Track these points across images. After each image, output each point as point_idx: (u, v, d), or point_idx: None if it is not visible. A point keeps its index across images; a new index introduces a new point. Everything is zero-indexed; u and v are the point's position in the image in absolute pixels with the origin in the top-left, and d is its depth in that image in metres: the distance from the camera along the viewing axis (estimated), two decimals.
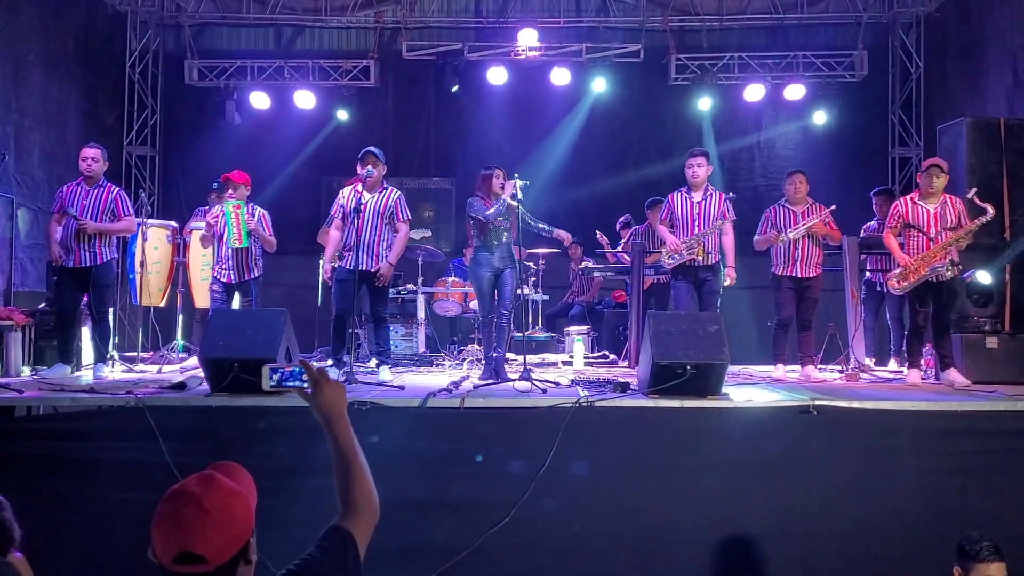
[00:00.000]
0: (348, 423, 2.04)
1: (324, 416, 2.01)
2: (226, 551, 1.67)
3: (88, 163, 6.21)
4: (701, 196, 6.37)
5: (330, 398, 2.01)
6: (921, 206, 6.04)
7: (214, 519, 1.66)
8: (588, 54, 10.50)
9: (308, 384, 2.02)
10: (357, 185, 6.04)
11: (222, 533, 1.66)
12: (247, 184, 6.71)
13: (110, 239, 6.30)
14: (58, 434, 4.59)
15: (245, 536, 1.72)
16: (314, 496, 4.10)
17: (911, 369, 6.09)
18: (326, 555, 1.85)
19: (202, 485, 1.70)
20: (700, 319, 5.17)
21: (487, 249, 6.05)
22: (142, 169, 10.72)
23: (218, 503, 1.68)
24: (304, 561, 1.84)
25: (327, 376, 2.03)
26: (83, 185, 6.22)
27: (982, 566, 3.36)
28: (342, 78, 10.71)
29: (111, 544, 4.38)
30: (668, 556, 4.51)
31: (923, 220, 6.00)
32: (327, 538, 1.90)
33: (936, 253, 5.88)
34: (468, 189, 10.74)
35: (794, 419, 4.70)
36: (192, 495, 1.67)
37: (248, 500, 1.76)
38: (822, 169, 10.67)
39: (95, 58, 10.12)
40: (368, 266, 5.94)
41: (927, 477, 4.60)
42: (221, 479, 1.73)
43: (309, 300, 8.63)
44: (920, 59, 10.48)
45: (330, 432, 2.02)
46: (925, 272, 5.87)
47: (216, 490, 1.70)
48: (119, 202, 6.30)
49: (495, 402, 4.90)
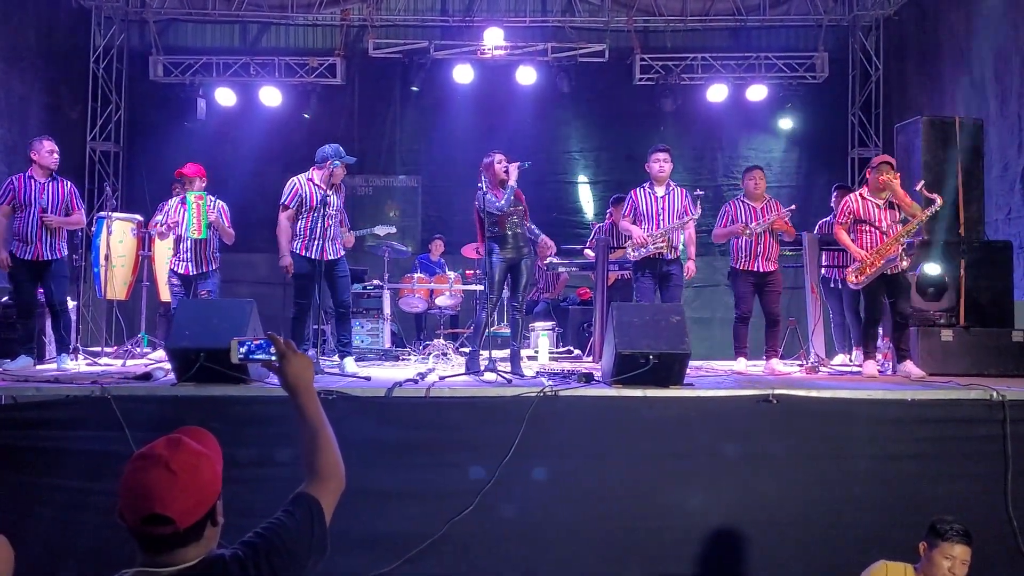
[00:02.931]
0: (315, 394, 2.07)
1: (291, 387, 2.03)
2: (193, 513, 1.69)
3: (56, 156, 6.17)
4: (664, 191, 6.45)
5: (297, 369, 2.03)
6: (871, 201, 6.19)
7: (181, 481, 1.67)
8: (553, 53, 10.61)
9: (275, 356, 2.04)
10: (314, 177, 5.99)
11: (189, 495, 1.68)
12: (202, 177, 6.69)
13: (64, 233, 6.28)
14: (22, 423, 4.55)
15: (212, 498, 1.74)
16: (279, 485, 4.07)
17: (867, 361, 6.21)
18: (292, 520, 1.88)
19: (169, 448, 1.71)
20: (662, 310, 5.25)
21: (502, 240, 5.84)
22: (106, 165, 10.64)
23: (185, 465, 1.69)
24: (271, 525, 1.86)
25: (294, 348, 2.05)
26: (37, 179, 6.14)
27: (947, 545, 3.47)
28: (308, 75, 10.73)
29: (77, 533, 4.37)
30: (630, 544, 4.57)
31: (873, 215, 6.15)
32: (294, 504, 1.92)
33: (890, 246, 6.02)
34: (434, 187, 10.94)
35: (754, 408, 4.78)
36: (159, 457, 1.68)
37: (215, 462, 1.77)
38: (783, 169, 10.92)
39: (58, 52, 10.03)
40: (331, 255, 5.96)
41: (882, 464, 4.70)
42: (188, 442, 1.74)
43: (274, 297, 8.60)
44: (879, 61, 10.73)
45: (297, 403, 2.03)
46: (880, 264, 6.02)
47: (183, 452, 1.71)
48: (74, 196, 6.29)
49: (460, 391, 4.93)
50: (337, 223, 6.08)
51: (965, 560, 3.49)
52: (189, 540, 1.70)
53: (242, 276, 9.34)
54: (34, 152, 6.15)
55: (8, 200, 6.10)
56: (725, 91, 10.64)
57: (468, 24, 10.84)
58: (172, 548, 1.69)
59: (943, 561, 3.48)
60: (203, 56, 10.76)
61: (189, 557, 1.70)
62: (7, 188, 6.16)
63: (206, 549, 1.74)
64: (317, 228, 5.88)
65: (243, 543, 1.81)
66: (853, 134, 10.96)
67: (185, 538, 1.69)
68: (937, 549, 3.50)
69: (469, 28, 10.80)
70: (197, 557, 1.71)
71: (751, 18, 10.88)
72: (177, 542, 1.69)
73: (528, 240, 6.01)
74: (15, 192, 6.09)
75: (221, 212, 6.65)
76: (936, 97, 9.53)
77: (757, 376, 6.20)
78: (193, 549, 1.71)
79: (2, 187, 6.23)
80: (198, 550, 1.72)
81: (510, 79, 10.61)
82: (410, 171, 11.05)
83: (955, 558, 3.46)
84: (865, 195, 6.25)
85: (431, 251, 9.49)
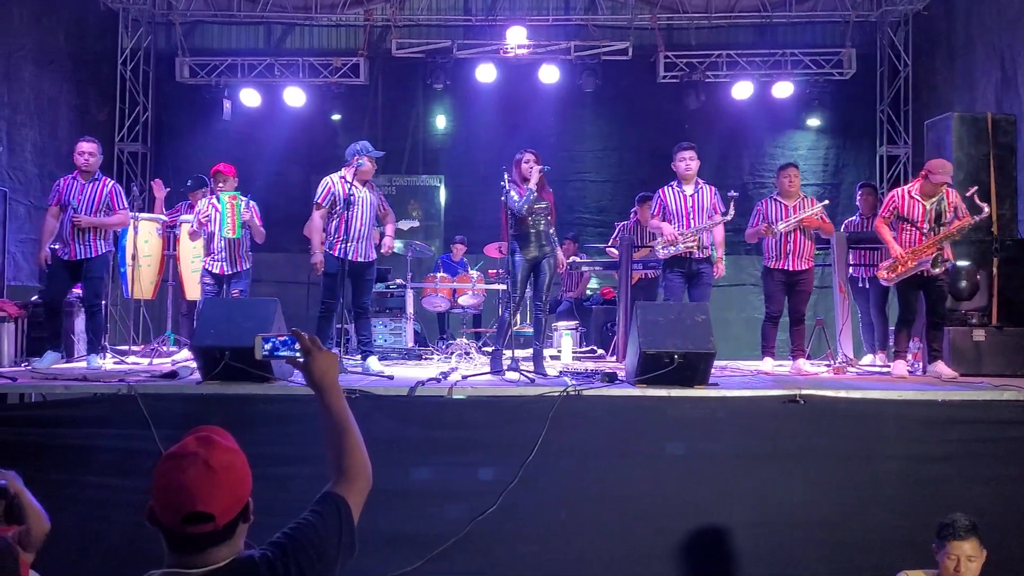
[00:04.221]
0: (341, 392, 2.04)
1: (317, 385, 2.01)
2: (231, 510, 1.68)
3: (85, 157, 6.23)
4: (693, 189, 6.37)
5: (322, 366, 2.01)
6: (917, 200, 6.01)
7: (219, 477, 1.66)
8: (576, 52, 10.57)
9: (300, 353, 2.02)
10: (347, 175, 5.95)
11: (227, 491, 1.67)
12: (234, 176, 6.76)
13: (105, 232, 6.32)
14: (51, 421, 4.60)
15: (246, 495, 1.74)
16: (303, 483, 4.11)
17: (897, 360, 6.11)
18: (321, 520, 1.85)
19: (203, 445, 1.69)
20: (687, 309, 5.20)
21: (524, 239, 5.82)
22: (133, 166, 10.75)
23: (222, 461, 1.68)
24: (299, 525, 1.84)
25: (319, 344, 2.03)
26: (79, 179, 6.25)
27: (953, 544, 3.41)
28: (332, 76, 10.77)
29: (106, 531, 4.41)
30: (654, 545, 4.53)
31: (917, 214, 6.00)
32: (321, 503, 1.90)
33: (926, 248, 5.88)
34: (456, 186, 10.94)
35: (780, 408, 4.73)
36: (196, 455, 1.67)
37: (244, 459, 1.76)
38: (810, 167, 10.79)
39: (87, 55, 10.16)
40: (361, 256, 5.94)
41: (912, 466, 4.63)
42: (218, 439, 1.73)
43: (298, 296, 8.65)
44: (908, 57, 10.58)
45: (323, 401, 2.01)
46: (913, 265, 5.90)
47: (218, 449, 1.70)
48: (114, 195, 6.32)
49: (483, 391, 4.92)
50: (369, 223, 6.00)
51: (973, 555, 3.41)
52: (223, 539, 1.69)
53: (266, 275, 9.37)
54: (74, 153, 6.28)
55: (55, 200, 6.24)
56: (750, 88, 10.55)
57: (491, 23, 10.83)
58: (205, 548, 1.68)
59: (949, 562, 3.42)
60: (228, 57, 10.84)
61: (220, 557, 1.69)
62: (54, 189, 6.32)
63: (236, 549, 1.73)
64: (342, 228, 5.86)
65: (272, 543, 1.79)
66: (881, 131, 10.81)
67: (220, 537, 1.68)
68: (944, 551, 3.45)
69: (492, 27, 10.79)
70: (227, 557, 1.70)
71: (777, 14, 10.76)
72: (212, 541, 1.68)
73: (552, 240, 5.97)
74: (59, 193, 6.22)
75: (253, 211, 6.72)
76: (967, 93, 9.37)
77: (784, 376, 6.13)
78: (225, 548, 1.70)
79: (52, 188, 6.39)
80: (229, 549, 1.71)
81: (533, 78, 10.58)
82: (433, 170, 11.06)
83: (961, 555, 3.40)
84: (913, 193, 6.05)
85: (453, 252, 9.48)
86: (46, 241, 6.25)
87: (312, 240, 6.01)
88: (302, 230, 10.21)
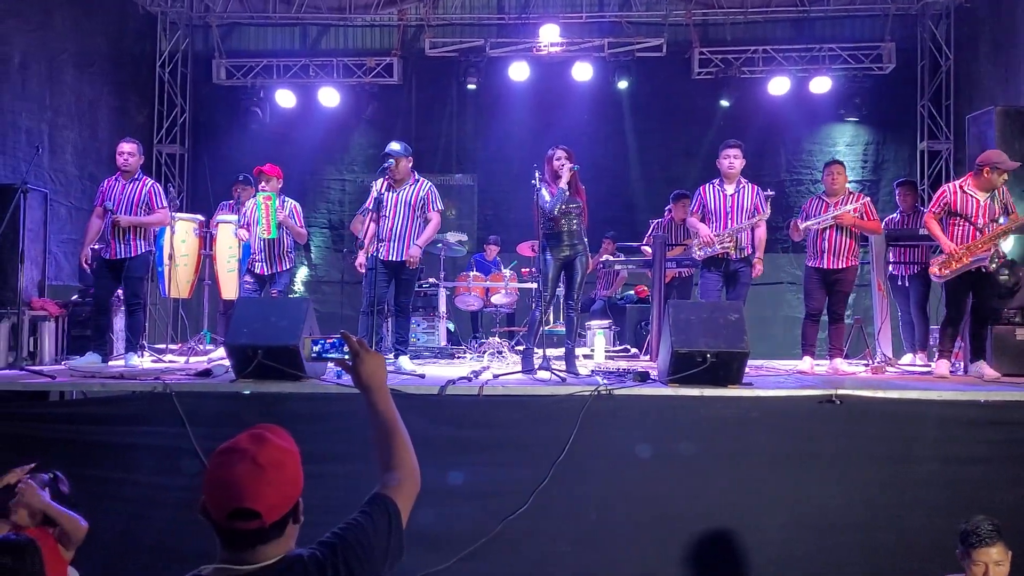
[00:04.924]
0: (389, 393, 2.05)
1: (365, 386, 2.02)
2: (279, 508, 1.68)
3: (124, 157, 6.34)
4: (734, 189, 6.28)
5: (371, 368, 2.02)
6: (971, 195, 5.86)
7: (268, 475, 1.66)
8: (610, 49, 10.51)
9: (349, 355, 2.04)
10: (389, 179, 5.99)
11: (275, 489, 1.67)
12: (279, 177, 6.88)
13: (146, 232, 6.41)
14: (89, 419, 4.67)
15: (296, 495, 1.74)
16: (334, 482, 4.13)
17: (940, 360, 5.98)
18: (370, 520, 1.85)
19: (254, 442, 1.70)
20: (720, 308, 5.14)
21: (555, 238, 5.76)
22: (172, 167, 10.92)
23: (271, 459, 1.68)
24: (348, 525, 1.84)
25: (367, 347, 2.04)
26: (120, 179, 6.36)
27: (979, 551, 3.33)
28: (366, 76, 10.85)
29: (145, 528, 4.48)
30: (686, 545, 4.49)
31: (972, 210, 5.85)
32: (371, 505, 1.90)
33: (982, 244, 5.73)
34: (490, 185, 10.94)
35: (816, 409, 4.66)
36: (245, 451, 1.67)
37: (297, 459, 1.76)
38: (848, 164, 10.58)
39: (126, 58, 10.33)
40: (395, 256, 5.96)
41: (952, 468, 4.54)
42: (271, 437, 1.73)
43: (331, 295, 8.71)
44: (950, 51, 10.35)
45: (371, 402, 2.02)
46: (968, 261, 5.76)
47: (268, 447, 1.70)
48: (153, 195, 6.41)
49: (514, 390, 4.91)
50: (404, 222, 5.96)
51: (1001, 559, 3.33)
52: (272, 536, 1.69)
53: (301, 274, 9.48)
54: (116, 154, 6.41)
55: (99, 201, 6.37)
56: (787, 84, 10.40)
57: (524, 21, 10.81)
58: (255, 545, 1.68)
59: (977, 568, 3.34)
60: (264, 58, 10.97)
61: (270, 555, 1.70)
62: (99, 190, 6.46)
63: (286, 548, 1.74)
64: (375, 228, 5.91)
65: (321, 543, 1.79)
66: (922, 126, 10.60)
67: (269, 534, 1.68)
68: (969, 559, 3.37)
69: (525, 25, 10.78)
70: (277, 555, 1.71)
71: (815, 9, 10.60)
72: (261, 538, 1.68)
73: (584, 239, 5.93)
74: (103, 193, 6.35)
75: (293, 212, 6.81)
76: (1011, 87, 9.14)
77: (820, 376, 6.04)
78: (274, 546, 1.70)
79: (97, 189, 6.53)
80: (279, 548, 1.71)
81: (566, 76, 10.55)
82: (466, 169, 11.09)
83: (989, 561, 3.32)
84: (965, 188, 5.91)
85: (486, 252, 9.48)
86: (88, 242, 6.37)
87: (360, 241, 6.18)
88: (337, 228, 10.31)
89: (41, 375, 5.22)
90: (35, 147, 7.49)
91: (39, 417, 4.70)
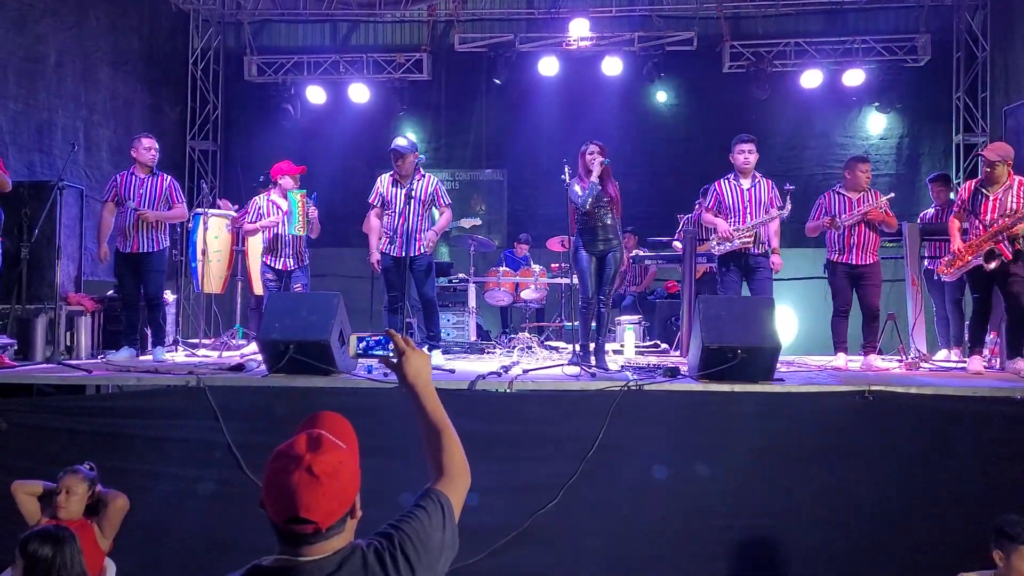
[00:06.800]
0: (434, 390, 2.04)
1: (411, 384, 2.01)
2: (336, 513, 1.68)
3: (153, 153, 6.41)
4: (750, 183, 6.23)
5: (417, 366, 2.01)
6: (982, 192, 5.79)
7: (324, 486, 1.65)
8: (640, 43, 10.45)
9: (394, 353, 2.02)
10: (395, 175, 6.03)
11: (331, 497, 1.66)
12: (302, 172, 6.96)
13: (164, 227, 6.49)
14: (126, 412, 4.75)
15: (352, 496, 1.73)
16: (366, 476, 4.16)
17: (973, 356, 5.89)
18: (425, 514, 1.85)
19: (311, 448, 1.68)
20: (751, 303, 5.12)
21: (590, 233, 5.78)
22: (204, 163, 11.05)
23: (327, 468, 1.66)
24: (405, 518, 1.84)
25: (413, 345, 2.03)
26: (137, 174, 6.39)
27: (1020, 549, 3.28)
28: (395, 72, 10.89)
29: (180, 520, 4.56)
30: (716, 541, 4.49)
31: (979, 206, 5.78)
32: (424, 498, 1.90)
33: (985, 241, 5.64)
34: (519, 180, 10.94)
35: (848, 404, 4.61)
36: (301, 459, 1.65)
37: (353, 458, 1.74)
38: (882, 158, 10.49)
39: (159, 55, 10.46)
40: (410, 252, 5.93)
41: (988, 465, 4.48)
42: (328, 440, 1.71)
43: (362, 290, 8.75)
44: (986, 42, 10.17)
45: (418, 401, 2.01)
46: (970, 259, 5.68)
47: (324, 454, 1.68)
48: (172, 190, 6.48)
49: (544, 385, 4.91)
50: (414, 218, 5.94)
51: None
52: (331, 535, 1.70)
53: (332, 270, 9.53)
54: (134, 149, 6.42)
55: (111, 196, 6.37)
56: (820, 77, 10.29)
57: (553, 16, 10.79)
58: (312, 543, 1.69)
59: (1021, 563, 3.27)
60: (295, 55, 11.06)
61: (328, 548, 1.71)
62: (111, 185, 6.45)
63: (346, 540, 1.74)
64: (390, 226, 5.97)
65: (379, 534, 1.80)
66: (958, 119, 10.43)
67: (327, 534, 1.69)
68: (1016, 553, 3.30)
69: (554, 20, 10.75)
70: (336, 548, 1.72)
71: (848, 1, 10.47)
72: (319, 538, 1.69)
73: (618, 233, 5.91)
74: (117, 188, 6.36)
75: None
76: None
77: (853, 372, 5.96)
78: (334, 541, 1.71)
79: (107, 184, 6.52)
80: (338, 542, 1.72)
81: (596, 70, 10.51)
82: (495, 165, 11.09)
83: None
84: (977, 184, 5.84)
85: (516, 250, 9.48)
86: (104, 237, 6.41)
87: (369, 240, 6.14)
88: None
89: (78, 369, 5.31)
90: (71, 144, 7.59)
91: (76, 410, 4.77)
